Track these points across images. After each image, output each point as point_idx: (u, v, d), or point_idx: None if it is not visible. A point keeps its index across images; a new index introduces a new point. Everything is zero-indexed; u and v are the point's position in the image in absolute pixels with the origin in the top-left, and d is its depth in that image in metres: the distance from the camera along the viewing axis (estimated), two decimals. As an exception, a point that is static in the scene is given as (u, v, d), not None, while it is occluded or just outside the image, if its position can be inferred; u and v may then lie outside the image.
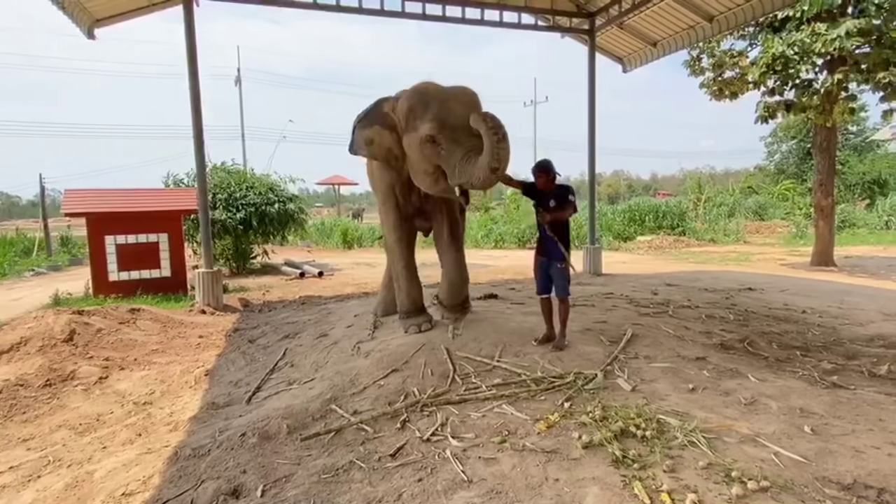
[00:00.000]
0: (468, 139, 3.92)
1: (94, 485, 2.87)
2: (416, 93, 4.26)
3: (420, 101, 4.18)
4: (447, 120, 4.00)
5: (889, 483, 2.31)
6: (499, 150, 3.65)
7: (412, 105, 4.20)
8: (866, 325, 5.55)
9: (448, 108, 4.07)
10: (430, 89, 4.27)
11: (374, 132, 4.49)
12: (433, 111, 4.07)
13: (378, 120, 4.49)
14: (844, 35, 9.15)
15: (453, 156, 3.98)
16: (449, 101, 4.12)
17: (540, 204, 4.23)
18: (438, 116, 4.03)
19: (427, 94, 4.21)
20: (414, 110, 4.18)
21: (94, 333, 5.56)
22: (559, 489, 2.33)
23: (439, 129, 4.00)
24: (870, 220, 20.05)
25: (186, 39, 7.30)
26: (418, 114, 4.15)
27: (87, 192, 9.22)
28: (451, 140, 3.99)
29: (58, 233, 17.77)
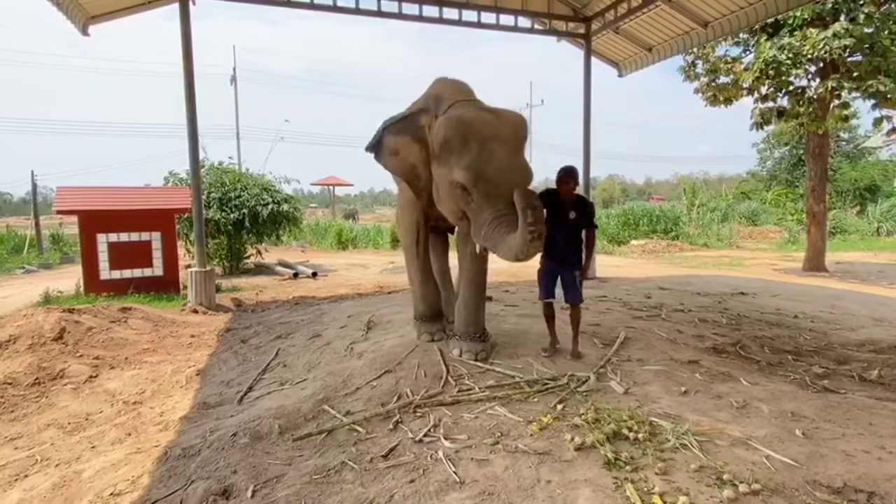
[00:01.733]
0: (502, 200, 3.42)
1: (83, 484, 2.85)
2: (458, 123, 3.63)
3: (459, 135, 3.59)
4: (484, 171, 3.49)
5: (879, 487, 2.33)
6: (530, 248, 3.22)
7: (449, 137, 3.63)
8: (857, 330, 5.59)
9: (489, 152, 3.53)
10: (473, 120, 3.63)
11: (403, 144, 3.96)
12: (471, 156, 3.52)
13: (410, 131, 3.94)
14: (832, 36, 9.24)
15: (482, 214, 3.54)
16: (492, 142, 3.56)
17: (557, 213, 3.97)
18: (475, 166, 3.50)
19: (469, 128, 3.59)
20: (450, 144, 3.62)
21: (85, 332, 5.51)
22: (551, 491, 2.33)
23: (473, 182, 3.51)
24: (861, 227, 20.25)
25: (182, 37, 7.27)
26: (454, 150, 3.60)
27: (80, 189, 9.15)
28: (483, 195, 3.51)
29: (49, 230, 17.64)
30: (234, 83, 30.30)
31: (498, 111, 3.81)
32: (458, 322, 4.21)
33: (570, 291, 4.09)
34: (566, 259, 4.06)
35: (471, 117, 3.68)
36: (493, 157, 3.53)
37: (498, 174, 3.50)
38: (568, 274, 4.08)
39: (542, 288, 4.16)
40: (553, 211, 4.04)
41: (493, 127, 3.63)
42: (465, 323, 4.15)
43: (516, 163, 3.64)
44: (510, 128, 3.70)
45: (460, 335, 4.14)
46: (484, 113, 3.74)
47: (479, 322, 4.19)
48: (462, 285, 4.27)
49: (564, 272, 4.08)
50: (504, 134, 3.64)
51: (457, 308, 4.27)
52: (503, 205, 3.42)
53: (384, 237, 18.93)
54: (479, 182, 3.52)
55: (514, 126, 3.73)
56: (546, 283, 4.14)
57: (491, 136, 3.59)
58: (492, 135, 3.59)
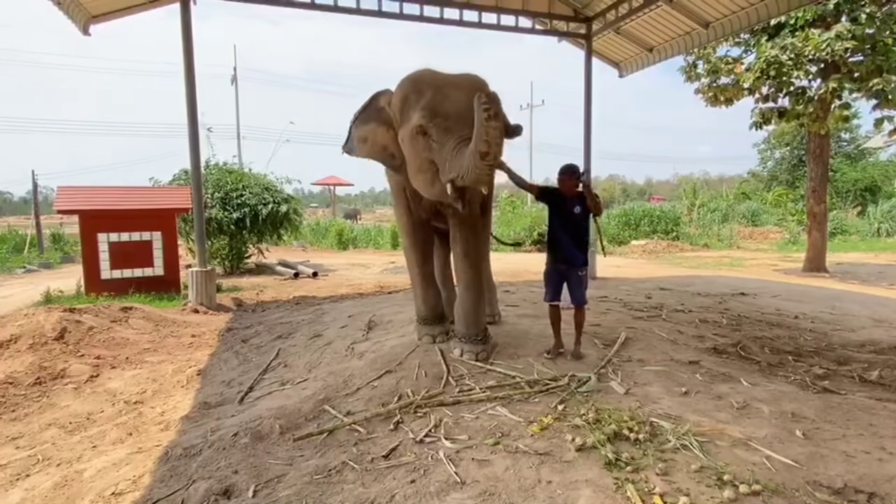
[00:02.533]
0: (463, 128, 3.42)
1: (84, 484, 2.85)
2: (411, 81, 3.83)
3: (414, 90, 3.74)
4: (440, 107, 3.57)
5: (879, 488, 2.33)
6: (487, 128, 3.10)
7: (405, 94, 3.78)
8: (857, 330, 5.59)
9: (443, 94, 3.63)
10: (426, 76, 3.83)
11: (369, 130, 4.11)
12: (426, 99, 3.63)
13: (373, 116, 4.11)
14: (835, 37, 9.24)
15: (444, 147, 3.52)
16: (446, 87, 3.68)
17: (561, 209, 4.03)
18: (430, 104, 3.59)
19: (422, 82, 3.77)
20: (407, 100, 3.76)
21: (86, 332, 5.52)
22: (552, 491, 2.33)
23: (430, 118, 3.56)
24: (861, 227, 20.25)
25: (182, 37, 7.27)
26: (411, 103, 3.72)
27: (81, 189, 9.16)
28: (442, 129, 3.53)
29: (50, 230, 17.65)
30: (234, 83, 30.30)
31: (456, 73, 3.91)
32: (458, 323, 4.19)
33: (575, 293, 4.09)
34: (573, 259, 4.06)
35: (421, 73, 3.87)
36: (449, 98, 3.62)
37: (454, 109, 3.56)
38: (574, 274, 4.07)
39: (549, 290, 4.15)
40: (557, 208, 4.07)
41: (447, 78, 3.82)
42: (465, 324, 4.12)
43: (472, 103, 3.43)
44: (466, 80, 3.79)
45: (461, 336, 4.13)
46: (439, 72, 3.90)
47: (479, 323, 4.15)
48: (459, 287, 4.25)
49: (570, 273, 4.08)
50: (458, 82, 3.76)
51: (455, 309, 4.25)
52: (462, 133, 3.42)
53: (385, 237, 18.94)
54: (435, 118, 3.57)
55: (469, 79, 3.81)
56: (552, 286, 4.13)
57: (444, 83, 3.74)
58: (445, 83, 3.74)
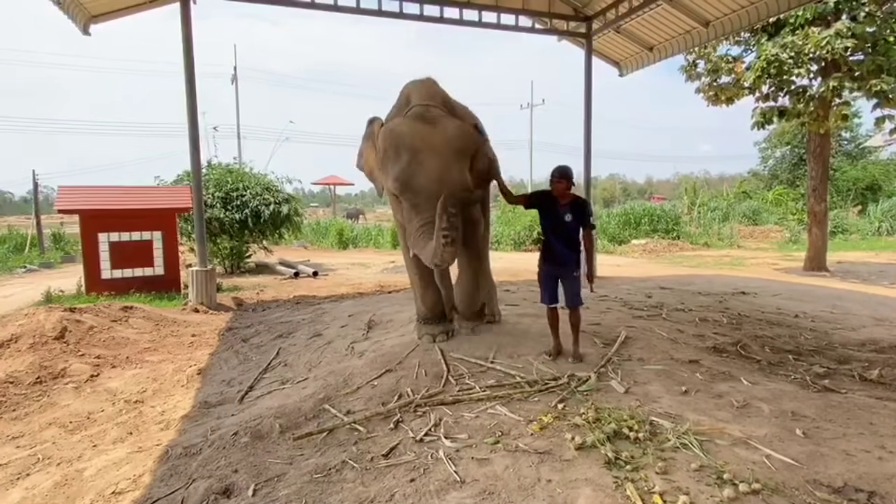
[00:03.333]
0: (430, 208, 3.52)
1: (84, 483, 2.86)
2: (390, 135, 3.84)
3: (392, 146, 3.79)
4: (410, 183, 3.68)
5: (879, 487, 2.32)
6: (443, 252, 3.39)
7: (385, 147, 3.87)
8: (858, 329, 5.58)
9: (417, 164, 3.67)
10: (405, 132, 3.79)
11: (365, 148, 4.38)
12: (400, 167, 3.70)
13: (370, 137, 4.32)
14: (835, 35, 9.23)
15: (411, 223, 3.80)
16: (422, 153, 3.69)
17: (552, 214, 3.99)
18: (402, 177, 3.69)
19: (400, 140, 3.77)
20: (386, 153, 3.86)
21: (86, 331, 5.52)
22: (552, 490, 2.33)
23: (401, 192, 3.76)
24: (862, 226, 20.22)
25: (182, 37, 7.28)
26: (389, 159, 3.81)
27: (81, 188, 9.18)
28: (411, 205, 3.74)
29: (50, 230, 17.66)
30: (234, 82, 30.30)
31: (437, 121, 3.87)
32: (460, 305, 4.61)
33: (569, 294, 4.05)
34: (565, 262, 4.01)
35: (402, 129, 3.82)
36: (422, 168, 3.66)
37: (425, 184, 3.62)
38: (567, 277, 4.03)
39: (545, 293, 4.10)
40: (548, 213, 4.04)
41: (425, 138, 3.74)
42: (465, 305, 4.57)
43: (445, 173, 3.67)
44: (442, 138, 3.76)
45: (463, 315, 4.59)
46: (418, 124, 3.83)
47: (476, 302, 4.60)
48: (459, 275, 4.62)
49: (564, 275, 4.04)
50: (436, 144, 3.73)
51: (456, 293, 4.61)
52: (429, 214, 3.52)
53: (385, 236, 18.95)
54: (406, 192, 3.73)
55: (447, 137, 3.79)
56: (548, 288, 4.08)
57: (421, 146, 3.71)
58: (422, 146, 3.71)
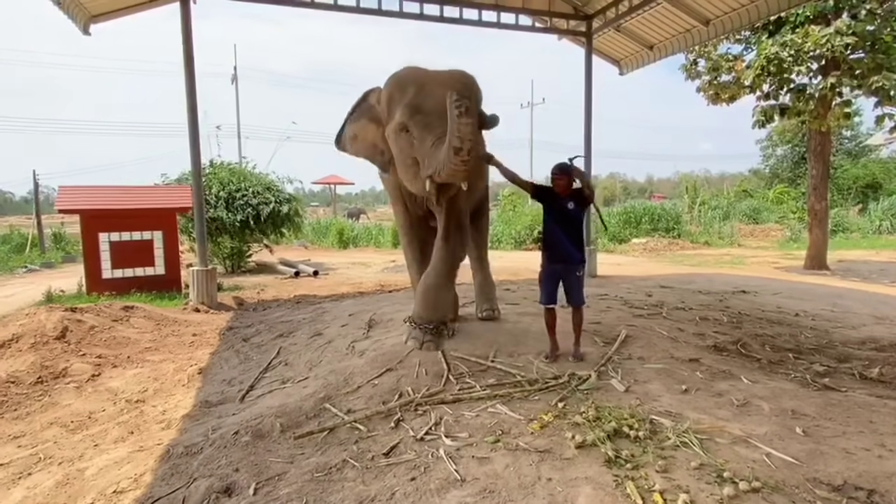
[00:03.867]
0: (442, 124, 3.41)
1: (86, 482, 2.86)
2: (396, 79, 3.92)
3: (398, 88, 3.84)
4: (421, 105, 3.65)
5: (879, 485, 2.33)
6: (459, 125, 3.18)
7: (391, 92, 3.89)
8: (858, 328, 5.58)
9: (425, 92, 3.70)
10: (411, 74, 3.90)
11: (360, 127, 4.24)
12: (408, 97, 3.72)
13: (364, 113, 4.22)
14: (834, 33, 9.21)
15: (423, 144, 3.62)
16: (428, 84, 3.74)
17: (555, 207, 4.01)
18: (412, 102, 3.69)
19: (406, 80, 3.85)
20: (392, 98, 3.87)
21: (87, 331, 5.53)
22: (552, 489, 2.33)
23: (410, 116, 3.67)
24: (863, 225, 20.19)
25: (182, 36, 7.28)
26: (395, 100, 3.83)
27: (82, 188, 9.18)
28: (422, 126, 3.62)
29: (51, 230, 17.67)
30: (235, 82, 30.30)
31: (443, 70, 3.96)
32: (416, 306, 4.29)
33: (573, 294, 4.03)
34: (569, 257, 4.00)
35: (407, 71, 3.95)
36: (430, 95, 3.67)
37: (434, 106, 3.57)
38: (571, 274, 4.02)
39: (544, 292, 4.07)
40: (551, 206, 4.04)
41: (430, 75, 3.89)
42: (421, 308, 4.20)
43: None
44: (450, 77, 3.86)
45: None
46: (425, 69, 3.96)
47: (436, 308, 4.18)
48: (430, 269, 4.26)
49: (568, 273, 4.02)
50: (441, 79, 3.81)
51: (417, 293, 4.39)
52: (442, 129, 3.45)
53: (385, 236, 18.94)
54: (416, 114, 3.67)
55: (454, 76, 3.89)
56: (548, 288, 4.05)
57: (427, 80, 3.80)
58: (428, 80, 3.81)
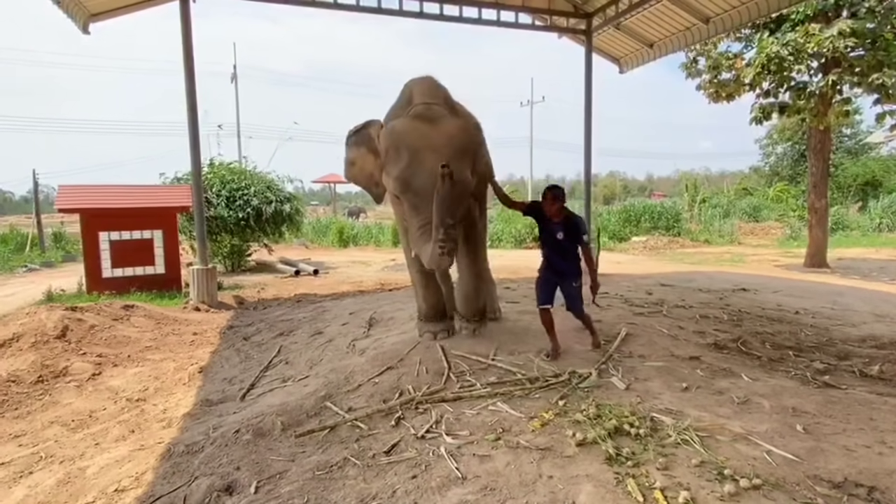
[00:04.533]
0: (429, 209, 3.46)
1: (87, 481, 2.87)
2: (391, 134, 3.83)
3: (394, 145, 3.77)
4: (412, 182, 3.64)
5: (879, 482, 2.33)
6: (439, 259, 3.40)
7: (387, 147, 3.84)
8: (858, 325, 5.59)
9: (418, 163, 3.63)
10: (406, 131, 3.78)
11: (359, 155, 4.24)
12: (401, 166, 3.68)
13: (364, 142, 4.21)
14: (837, 34, 9.21)
15: (411, 223, 3.77)
16: (423, 152, 3.65)
17: (546, 230, 4.05)
18: (403, 176, 3.67)
19: (403, 139, 3.75)
20: (388, 153, 3.83)
21: (88, 330, 5.53)
22: (553, 486, 2.34)
23: (402, 192, 3.73)
24: (863, 223, 20.20)
25: (182, 35, 7.28)
26: (391, 159, 3.79)
27: (82, 188, 9.18)
28: (411, 206, 3.71)
29: (51, 229, 17.67)
30: (234, 81, 30.27)
31: (439, 119, 3.82)
32: (460, 306, 4.52)
33: (571, 303, 4.11)
34: (563, 273, 4.05)
35: (403, 128, 3.80)
36: (422, 168, 3.60)
37: (426, 184, 3.54)
38: (567, 284, 4.05)
39: (540, 295, 4.11)
40: (543, 227, 4.10)
41: (426, 136, 3.72)
42: (466, 307, 4.46)
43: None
44: (444, 137, 3.73)
45: (465, 317, 4.47)
46: (420, 123, 3.79)
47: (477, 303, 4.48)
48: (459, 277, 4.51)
49: (564, 284, 4.07)
50: (437, 143, 3.68)
51: (457, 295, 4.54)
52: (429, 214, 3.47)
53: (385, 234, 18.95)
54: (406, 192, 3.69)
55: (448, 135, 3.75)
56: (544, 291, 4.08)
57: (423, 146, 3.67)
58: (423, 145, 3.68)
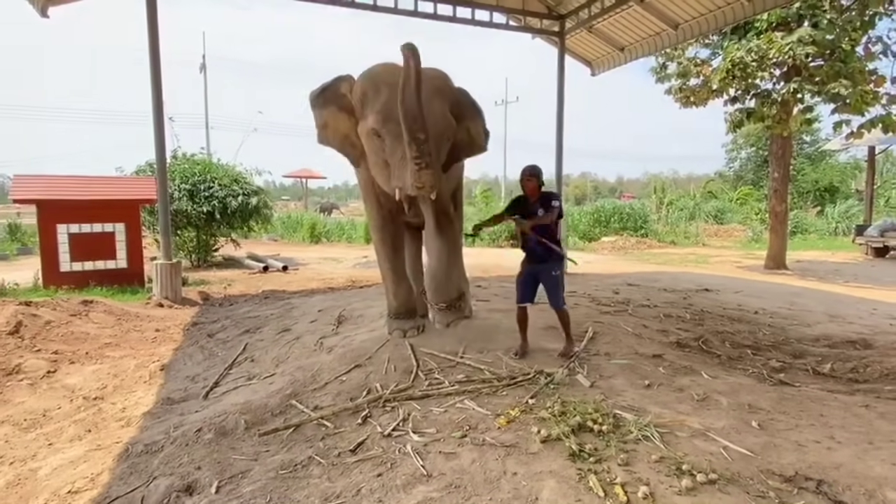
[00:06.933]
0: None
1: (38, 483, 2.77)
2: (370, 76, 3.82)
3: (372, 86, 3.74)
4: (393, 111, 3.47)
5: (827, 475, 2.43)
6: (420, 176, 3.34)
7: (364, 90, 3.79)
8: (813, 325, 5.81)
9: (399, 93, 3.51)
10: (385, 73, 3.76)
11: (329, 114, 4.00)
12: (381, 100, 3.64)
13: (334, 100, 3.97)
14: (797, 41, 9.55)
15: (394, 154, 3.61)
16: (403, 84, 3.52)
17: (527, 213, 4.04)
18: (385, 108, 3.60)
19: (380, 79, 3.74)
20: (366, 95, 3.77)
21: (43, 326, 5.33)
22: (517, 482, 2.36)
23: (383, 123, 3.61)
24: (820, 227, 20.99)
25: (148, 23, 7.06)
26: (369, 100, 3.74)
27: (39, 177, 8.81)
28: (393, 136, 3.56)
29: (6, 220, 16.92)
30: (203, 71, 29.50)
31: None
32: (429, 293, 4.48)
33: (551, 296, 4.09)
34: (544, 259, 4.05)
35: (381, 69, 3.83)
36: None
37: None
38: (548, 274, 4.06)
39: (520, 292, 4.14)
40: (524, 213, 4.09)
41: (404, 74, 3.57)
42: (436, 293, 4.42)
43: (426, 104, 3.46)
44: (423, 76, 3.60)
45: (436, 305, 4.45)
46: (396, 65, 3.70)
47: (449, 290, 4.44)
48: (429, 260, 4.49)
49: (544, 275, 4.07)
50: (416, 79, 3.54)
51: (426, 280, 4.55)
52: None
53: (358, 231, 18.78)
54: (387, 123, 3.58)
55: (428, 75, 3.65)
56: (523, 288, 4.12)
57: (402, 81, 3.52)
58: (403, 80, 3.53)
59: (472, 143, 4.17)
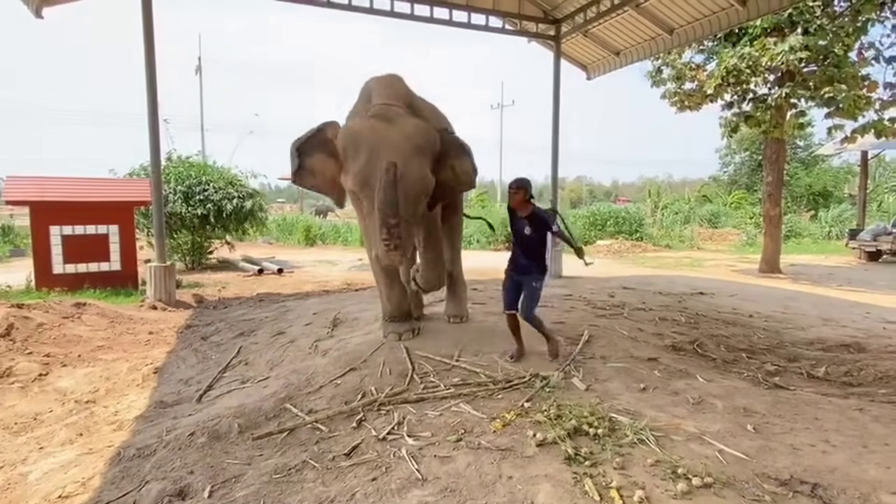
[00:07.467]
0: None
1: (28, 487, 2.73)
2: (351, 134, 3.86)
3: (352, 144, 3.79)
4: (370, 178, 3.62)
5: (823, 478, 2.43)
6: (388, 256, 3.58)
7: (345, 145, 3.84)
8: (807, 329, 5.84)
9: (377, 159, 3.62)
10: (362, 130, 3.82)
11: (318, 161, 4.07)
12: (360, 163, 3.71)
13: (321, 147, 4.05)
14: (789, 49, 9.62)
15: (370, 220, 3.78)
16: (381, 149, 3.66)
17: (514, 226, 4.01)
18: (362, 173, 3.70)
19: (359, 137, 3.78)
20: (346, 151, 3.84)
21: (35, 328, 5.28)
22: (512, 486, 2.35)
23: (360, 188, 3.75)
24: (814, 231, 21.11)
25: (143, 25, 7.03)
26: (349, 157, 3.81)
27: (32, 179, 8.73)
28: (370, 200, 3.67)
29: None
30: (199, 73, 29.43)
31: (396, 119, 3.87)
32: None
33: (524, 304, 3.99)
34: (526, 271, 4.01)
35: (360, 127, 3.87)
36: (380, 166, 3.58)
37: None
38: (529, 284, 4.00)
39: (506, 299, 4.11)
40: (512, 224, 4.08)
41: (383, 135, 3.75)
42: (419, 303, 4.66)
43: (404, 170, 3.59)
44: (401, 135, 3.77)
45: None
46: (376, 122, 3.84)
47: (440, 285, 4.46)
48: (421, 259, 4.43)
49: (525, 282, 4.01)
50: (394, 141, 3.72)
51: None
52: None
53: (353, 234, 18.75)
54: (365, 188, 3.72)
55: (405, 134, 3.79)
56: (508, 295, 4.08)
57: (380, 143, 3.70)
58: (381, 142, 3.71)
59: (457, 181, 4.24)
